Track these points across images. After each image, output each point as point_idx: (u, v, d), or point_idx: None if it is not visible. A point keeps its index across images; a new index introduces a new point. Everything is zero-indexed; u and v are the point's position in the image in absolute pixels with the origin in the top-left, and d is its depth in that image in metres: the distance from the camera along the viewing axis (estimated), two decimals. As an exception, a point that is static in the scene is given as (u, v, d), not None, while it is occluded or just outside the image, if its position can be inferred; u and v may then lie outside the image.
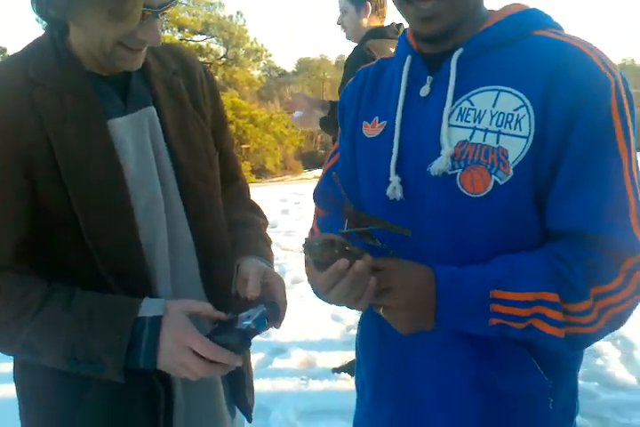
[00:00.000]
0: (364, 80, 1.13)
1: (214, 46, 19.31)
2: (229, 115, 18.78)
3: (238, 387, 1.24)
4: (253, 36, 19.06)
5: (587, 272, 0.87)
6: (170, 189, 1.10)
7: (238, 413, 1.29)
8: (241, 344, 0.96)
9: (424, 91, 0.99)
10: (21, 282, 0.98)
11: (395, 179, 0.99)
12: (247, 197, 1.38)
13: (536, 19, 0.96)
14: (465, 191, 0.92)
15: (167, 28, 18.83)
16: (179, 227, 1.11)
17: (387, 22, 3.08)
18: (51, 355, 0.96)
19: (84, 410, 1.06)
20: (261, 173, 21.58)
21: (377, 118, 1.06)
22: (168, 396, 1.09)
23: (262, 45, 19.16)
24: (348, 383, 2.98)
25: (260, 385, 3.02)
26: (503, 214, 0.91)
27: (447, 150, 0.93)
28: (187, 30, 18.97)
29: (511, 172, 0.89)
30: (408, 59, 1.03)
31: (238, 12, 18.87)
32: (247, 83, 19.59)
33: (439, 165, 0.93)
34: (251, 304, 1.03)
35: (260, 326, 0.98)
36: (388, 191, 1.00)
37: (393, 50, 3.03)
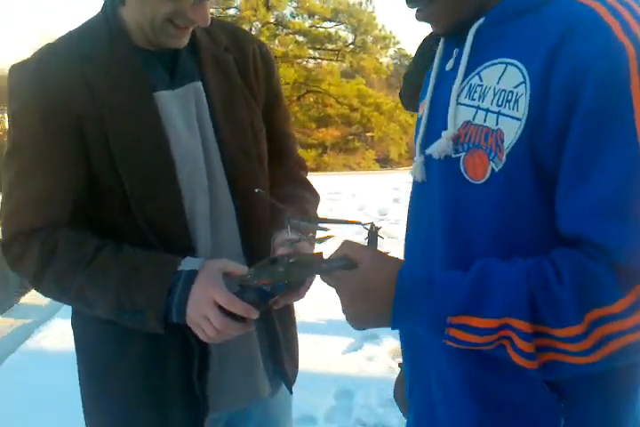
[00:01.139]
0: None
1: (343, 33, 19.37)
2: (355, 102, 18.87)
3: (276, 358, 1.26)
4: (382, 23, 18.93)
5: (581, 289, 0.72)
6: (213, 160, 1.13)
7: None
8: (256, 302, 0.99)
9: (449, 65, 0.92)
10: (77, 236, 1.06)
11: (419, 159, 0.93)
12: (298, 173, 1.38)
13: None
14: (468, 177, 0.83)
15: (297, 15, 19.20)
16: (220, 197, 1.15)
17: None
18: (100, 304, 1.03)
19: (126, 361, 1.13)
20: (386, 162, 21.53)
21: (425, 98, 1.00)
22: (203, 356, 1.13)
23: (391, 32, 18.95)
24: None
25: (347, 368, 3.04)
26: (501, 206, 0.80)
27: (448, 132, 0.85)
28: (316, 17, 19.16)
29: (504, 158, 0.78)
30: None
31: (368, -1, 18.73)
32: (375, 70, 19.49)
33: (437, 148, 0.86)
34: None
35: (276, 290, 1.00)
36: (411, 171, 0.96)
37: None
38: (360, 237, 0.93)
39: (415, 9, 0.89)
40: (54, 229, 1.06)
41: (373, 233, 0.89)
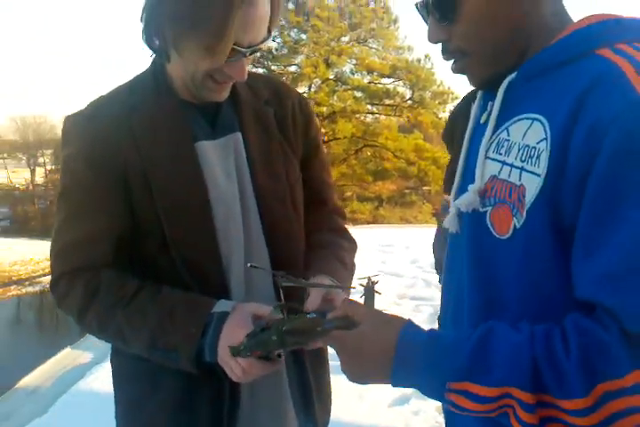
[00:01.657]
0: None
1: (401, 89, 19.70)
2: (412, 156, 18.98)
3: (307, 403, 1.27)
4: (440, 79, 19.19)
5: (589, 361, 0.68)
6: (250, 209, 1.19)
7: None
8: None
9: (483, 118, 0.93)
10: (119, 277, 1.13)
11: (453, 210, 0.93)
12: (335, 220, 1.41)
13: (609, 32, 0.80)
14: (494, 232, 0.83)
15: (356, 72, 19.67)
16: (255, 244, 1.19)
17: None
18: (136, 342, 1.08)
19: (157, 397, 1.17)
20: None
21: None
22: (233, 400, 1.15)
23: (449, 88, 19.19)
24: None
25: (393, 422, 2.98)
26: (524, 262, 0.79)
27: (475, 185, 0.86)
28: (375, 73, 19.59)
29: (525, 214, 0.77)
30: None
31: (426, 56, 19.09)
32: (432, 125, 19.62)
33: (465, 201, 0.86)
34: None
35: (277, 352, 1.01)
36: (445, 222, 0.96)
37: None
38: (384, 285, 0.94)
39: (452, 61, 0.91)
40: (97, 270, 1.13)
41: (370, 290, 0.89)
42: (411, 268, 6.46)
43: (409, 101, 19.45)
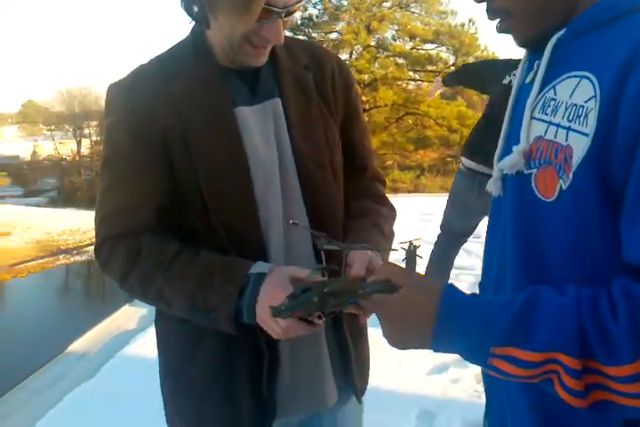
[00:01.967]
0: None
1: (444, 55, 19.31)
2: (454, 123, 18.67)
3: (346, 369, 1.28)
4: (484, 44, 18.70)
5: (637, 324, 0.66)
6: (289, 174, 1.18)
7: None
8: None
9: (529, 77, 0.89)
10: (159, 241, 1.15)
11: (496, 173, 0.90)
12: (375, 187, 1.39)
13: None
14: (539, 194, 0.80)
15: (398, 38, 19.32)
16: (295, 209, 1.19)
17: None
18: (177, 303, 1.11)
19: (199, 359, 1.20)
20: (484, 183, 21.02)
21: None
22: (272, 363, 1.17)
23: (493, 53, 18.68)
24: (522, 401, 2.82)
25: (431, 390, 2.99)
26: (571, 225, 0.76)
27: (520, 147, 0.83)
28: (417, 39, 19.21)
29: (571, 175, 0.74)
30: None
31: (470, 20, 18.56)
32: (475, 92, 19.30)
33: (509, 163, 0.84)
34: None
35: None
36: (487, 185, 0.93)
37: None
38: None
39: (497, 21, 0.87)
40: (138, 235, 1.15)
41: (412, 253, 0.87)
42: (452, 237, 6.41)
43: (452, 67, 19.03)
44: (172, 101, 1.12)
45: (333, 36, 19.52)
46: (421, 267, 3.51)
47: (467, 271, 4.90)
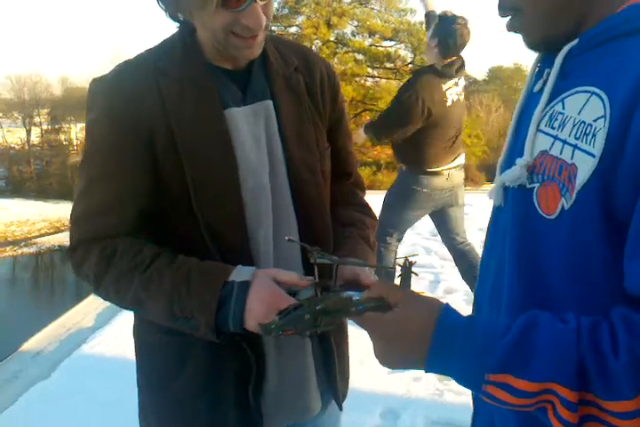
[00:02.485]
0: None
1: (402, 52, 19.47)
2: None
3: (330, 374, 1.27)
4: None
5: (638, 360, 0.64)
6: (279, 178, 1.16)
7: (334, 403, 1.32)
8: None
9: (537, 86, 0.87)
10: (136, 243, 1.10)
11: (497, 182, 0.88)
12: (358, 194, 1.40)
13: None
14: (540, 210, 0.78)
15: (358, 34, 19.37)
16: (284, 214, 1.17)
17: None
18: (154, 309, 1.06)
19: (185, 372, 1.16)
20: (439, 180, 21.31)
21: None
22: (259, 373, 1.15)
23: (465, 64, 18.90)
24: (483, 400, 2.87)
25: (393, 389, 3.02)
26: (570, 245, 0.74)
27: (523, 160, 0.81)
28: (377, 36, 19.31)
29: (574, 196, 0.72)
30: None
31: (429, 19, 18.74)
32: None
33: (511, 176, 0.82)
34: (358, 288, 1.07)
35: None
36: (488, 194, 0.92)
37: (445, 87, 3.41)
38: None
39: (507, 18, 0.85)
40: (115, 237, 1.10)
41: (407, 270, 0.84)
42: (409, 235, 6.46)
43: (410, 65, 19.20)
44: (159, 99, 1.08)
45: (293, 29, 19.47)
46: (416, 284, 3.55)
47: (426, 269, 4.96)
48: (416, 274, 0.86)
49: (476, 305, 1.01)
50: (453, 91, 3.48)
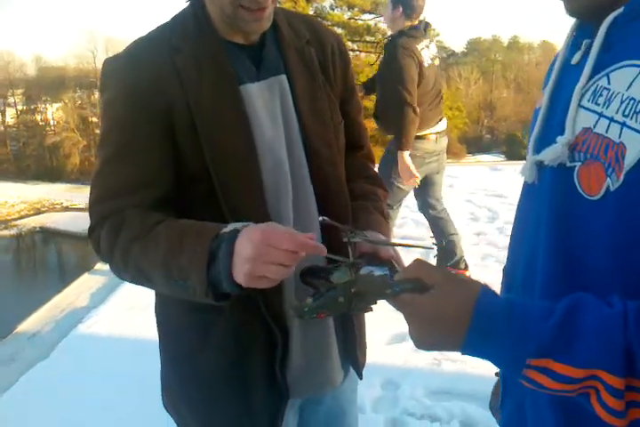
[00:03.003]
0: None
1: (382, 26, 19.26)
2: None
3: (350, 344, 1.29)
4: (422, 16, 18.74)
5: None
6: (296, 153, 1.15)
7: (352, 371, 1.34)
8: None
9: (575, 58, 0.82)
10: (143, 213, 1.06)
11: (531, 158, 0.84)
12: (369, 167, 1.40)
13: None
14: (581, 190, 0.74)
15: (337, 7, 19.14)
16: (302, 189, 1.16)
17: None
18: (155, 276, 1.00)
19: (210, 349, 1.16)
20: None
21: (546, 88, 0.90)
22: (285, 347, 1.16)
23: (431, 25, 18.79)
24: (480, 368, 2.92)
25: (392, 360, 3.05)
26: (614, 228, 0.70)
27: (564, 138, 0.76)
28: (356, 9, 19.10)
29: (622, 177, 0.68)
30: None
31: (408, -9, 18.58)
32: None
33: (551, 154, 0.77)
34: (376, 262, 1.05)
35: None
36: (520, 171, 0.87)
37: (419, 47, 3.52)
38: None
39: None
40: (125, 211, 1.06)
41: (447, 250, 0.84)
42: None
43: (390, 38, 19.06)
44: (176, 76, 1.06)
45: (271, 3, 19.17)
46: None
47: (416, 241, 4.99)
48: (456, 254, 0.84)
49: (506, 285, 0.98)
50: (426, 53, 3.59)
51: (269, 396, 1.17)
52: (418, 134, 3.60)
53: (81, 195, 24.45)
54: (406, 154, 3.53)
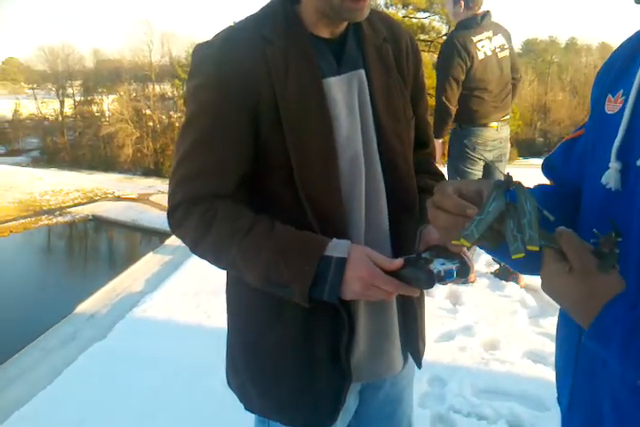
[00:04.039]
0: (628, 43, 0.91)
1: (437, 24, 19.13)
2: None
3: (411, 333, 1.32)
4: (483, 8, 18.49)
5: None
6: (370, 147, 1.19)
7: (410, 360, 1.37)
8: (426, 283, 1.02)
9: None
10: (236, 208, 1.14)
11: (614, 165, 0.81)
12: (432, 163, 1.43)
13: None
14: None
15: (392, 5, 19.04)
16: (375, 182, 1.20)
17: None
18: (250, 273, 1.12)
19: (278, 330, 1.21)
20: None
21: (621, 91, 0.86)
22: (351, 330, 1.19)
23: (490, 14, 18.51)
24: (529, 369, 2.91)
25: (440, 357, 3.07)
26: None
27: None
28: (410, 7, 18.98)
29: None
30: None
31: (465, -10, 18.34)
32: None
33: None
34: (446, 255, 1.08)
35: (448, 276, 1.03)
36: (603, 178, 0.84)
37: (475, 39, 3.52)
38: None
39: None
40: (214, 200, 1.14)
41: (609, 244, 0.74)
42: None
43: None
44: (265, 67, 1.11)
45: (326, 1, 19.19)
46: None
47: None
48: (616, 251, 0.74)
49: None
50: (485, 44, 3.61)
51: (333, 377, 1.21)
52: (479, 123, 3.69)
53: (132, 185, 25.02)
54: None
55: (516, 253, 0.74)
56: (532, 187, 0.93)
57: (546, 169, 1.08)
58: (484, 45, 3.59)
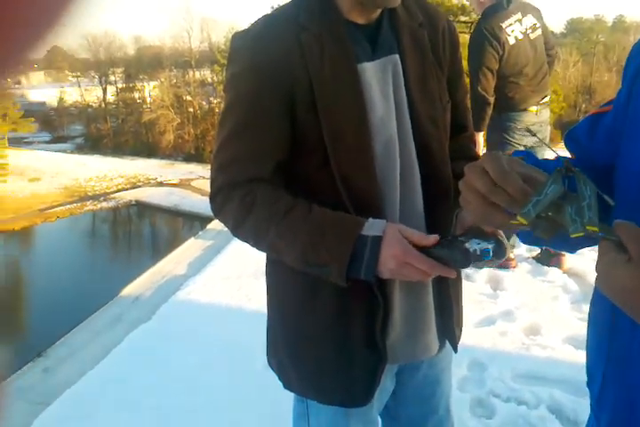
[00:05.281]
0: None
1: (478, 5, 18.75)
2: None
3: (447, 317, 1.34)
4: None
5: None
6: (405, 131, 1.20)
7: (448, 344, 1.38)
8: (462, 261, 1.04)
9: None
10: (274, 191, 1.18)
11: None
12: (472, 148, 1.42)
13: None
14: None
15: (433, -13, 18.73)
16: (409, 167, 1.22)
17: None
18: (288, 255, 1.15)
19: (316, 309, 1.24)
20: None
21: None
22: (386, 312, 1.22)
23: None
24: (570, 355, 2.89)
25: (481, 341, 3.06)
26: None
27: None
28: (452, -12, 18.63)
29: None
30: None
31: (508, -31, 17.92)
32: (509, 44, 18.76)
33: None
34: (482, 236, 1.08)
35: (485, 255, 1.04)
36: None
37: (504, 24, 3.39)
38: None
39: None
40: (254, 185, 1.17)
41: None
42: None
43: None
44: (301, 53, 1.13)
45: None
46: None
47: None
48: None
49: None
50: (515, 28, 3.51)
51: (369, 358, 1.24)
52: (518, 108, 3.64)
53: (173, 171, 25.39)
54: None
55: (575, 232, 0.71)
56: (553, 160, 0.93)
57: (568, 141, 1.07)
58: (514, 30, 3.49)
